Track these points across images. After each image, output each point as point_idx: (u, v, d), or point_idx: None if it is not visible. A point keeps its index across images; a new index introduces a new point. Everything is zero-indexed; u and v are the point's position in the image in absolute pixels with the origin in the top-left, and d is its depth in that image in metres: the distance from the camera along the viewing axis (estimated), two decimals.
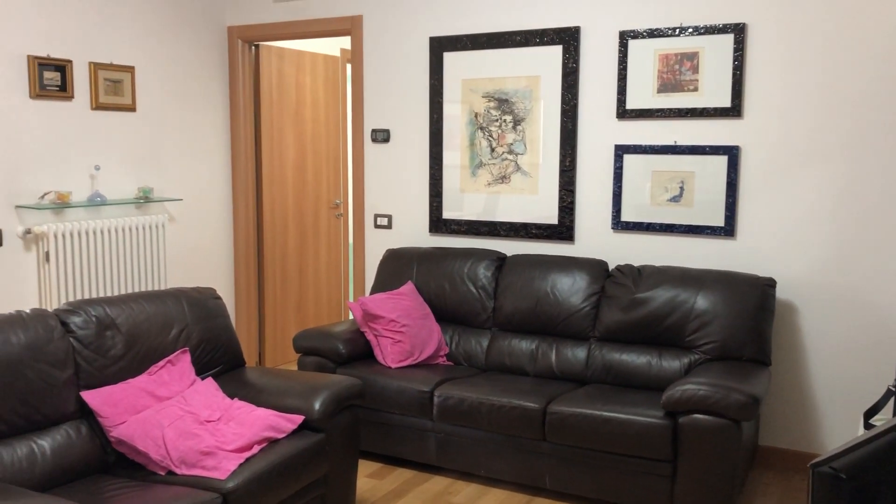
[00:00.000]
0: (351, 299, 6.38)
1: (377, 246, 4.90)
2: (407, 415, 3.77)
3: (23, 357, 2.68)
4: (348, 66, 6.20)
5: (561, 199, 4.28)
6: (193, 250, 5.10)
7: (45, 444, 2.69)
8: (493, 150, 4.46)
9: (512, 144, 4.40)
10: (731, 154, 3.86)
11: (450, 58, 4.53)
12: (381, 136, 4.80)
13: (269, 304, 5.49)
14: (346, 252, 6.16)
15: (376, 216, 4.88)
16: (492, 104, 4.43)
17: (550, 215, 4.33)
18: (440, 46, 4.54)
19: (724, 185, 3.90)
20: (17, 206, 4.05)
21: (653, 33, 3.98)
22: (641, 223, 4.10)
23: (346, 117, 6.08)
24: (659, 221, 4.06)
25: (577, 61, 4.18)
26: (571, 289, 3.95)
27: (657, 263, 4.09)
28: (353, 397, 3.26)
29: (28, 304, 4.12)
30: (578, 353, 3.90)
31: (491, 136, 4.46)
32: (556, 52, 4.23)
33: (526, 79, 4.33)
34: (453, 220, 4.61)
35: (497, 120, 4.43)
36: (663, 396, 3.22)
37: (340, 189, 6.05)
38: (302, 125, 5.65)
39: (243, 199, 5.30)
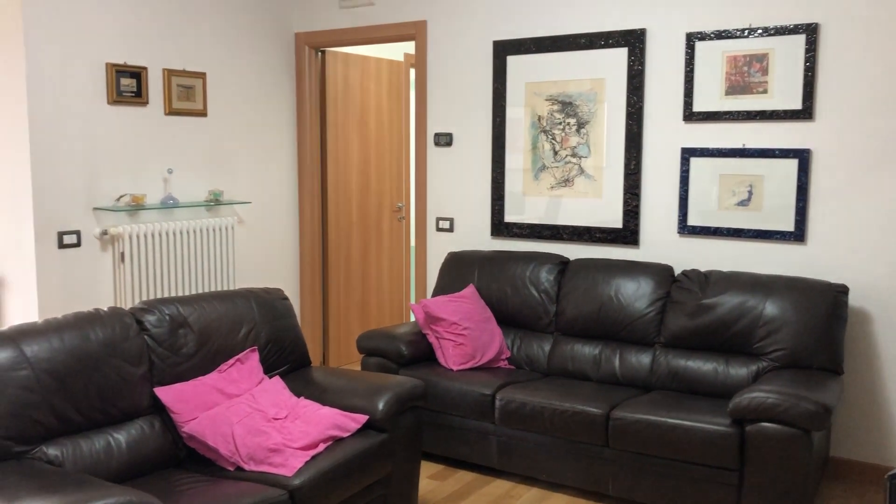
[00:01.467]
0: (413, 301, 6.42)
1: (439, 249, 4.93)
2: (468, 417, 3.78)
3: (100, 354, 2.78)
4: (412, 71, 6.26)
5: (626, 202, 4.24)
6: (261, 252, 5.21)
7: (120, 437, 2.78)
8: (556, 153, 4.44)
9: (575, 147, 4.38)
10: (802, 157, 3.77)
11: (513, 61, 4.54)
12: (444, 140, 4.83)
13: (333, 304, 5.57)
14: (407, 255, 6.21)
15: (438, 219, 4.91)
16: (555, 107, 4.42)
17: (614, 219, 4.29)
18: (504, 50, 4.55)
19: (794, 189, 3.80)
20: (95, 208, 4.21)
21: (721, 35, 3.91)
22: (708, 227, 4.03)
23: (409, 121, 6.14)
24: (726, 226, 3.98)
25: (642, 63, 4.14)
26: (636, 294, 3.90)
27: (724, 269, 4.01)
28: (416, 398, 3.29)
29: (104, 302, 4.28)
30: (643, 359, 3.85)
31: (554, 139, 4.44)
32: (621, 54, 4.20)
33: (590, 81, 4.30)
34: (515, 224, 4.60)
35: (561, 123, 4.41)
36: (730, 404, 3.16)
37: (403, 192, 6.10)
38: (366, 130, 5.72)
39: (309, 203, 5.40)
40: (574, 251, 4.43)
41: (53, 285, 4.04)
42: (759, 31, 3.82)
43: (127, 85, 4.32)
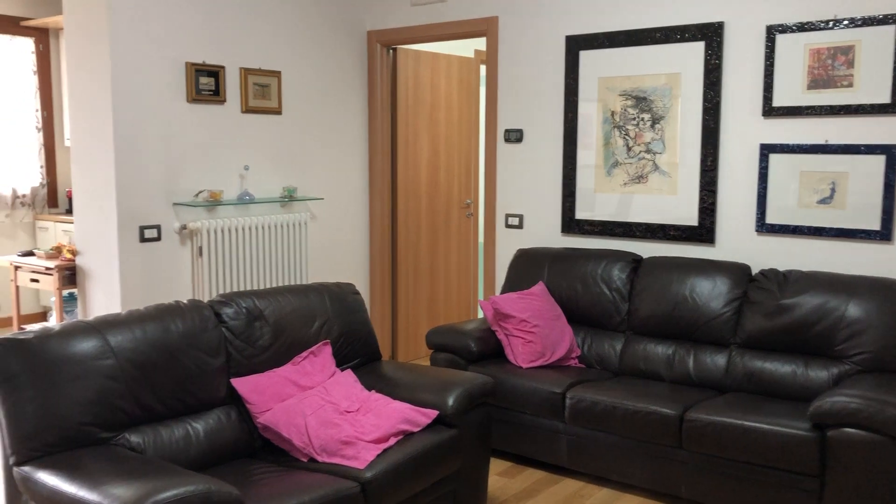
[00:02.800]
0: (481, 298, 6.42)
1: (508, 245, 4.91)
2: (538, 415, 3.76)
3: (180, 345, 2.87)
4: (482, 67, 6.25)
5: (701, 199, 4.15)
6: (332, 247, 5.29)
7: (199, 426, 2.86)
8: (629, 149, 4.37)
9: (650, 143, 4.30)
10: (890, 153, 3.62)
11: (586, 56, 4.48)
12: (514, 136, 4.81)
13: (402, 300, 5.62)
14: (475, 251, 6.21)
15: (507, 216, 4.90)
16: (629, 102, 4.35)
17: (690, 216, 4.20)
18: (576, 45, 4.50)
19: (881, 187, 3.65)
20: (175, 204, 4.34)
21: (803, 27, 3.78)
22: (787, 226, 3.91)
23: (479, 118, 6.13)
24: (807, 224, 3.85)
25: (720, 57, 4.04)
26: (711, 293, 3.81)
27: (804, 268, 3.89)
28: (486, 395, 3.29)
29: (182, 294, 4.40)
30: (718, 360, 3.76)
31: (628, 134, 4.37)
32: (697, 48, 4.10)
33: (665, 76, 4.22)
34: (586, 221, 4.55)
35: (634, 118, 4.34)
36: (811, 407, 3.06)
37: (471, 189, 6.10)
38: (436, 126, 5.74)
39: (379, 199, 5.45)
40: (647, 249, 4.35)
41: (135, 278, 4.18)
42: (846, 22, 3.68)
43: (205, 84, 4.43)
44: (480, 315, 6.30)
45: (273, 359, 3.17)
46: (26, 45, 6.67)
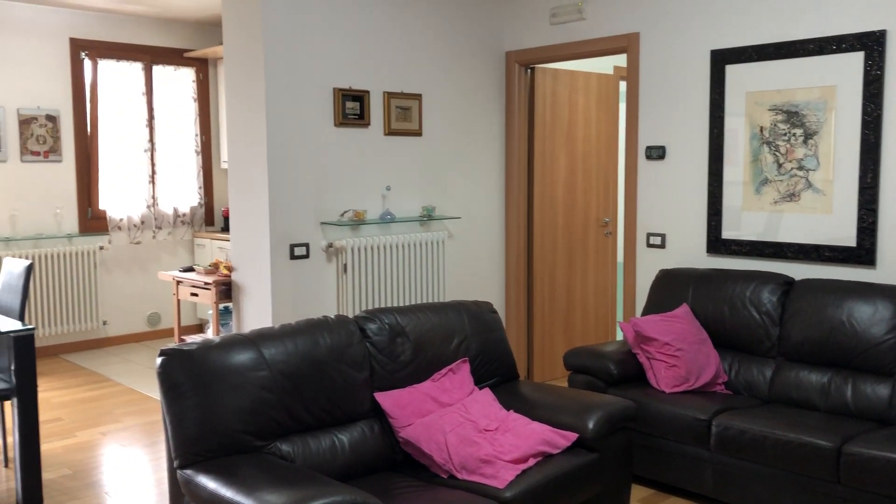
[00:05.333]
0: (620, 319, 6.30)
1: (649, 265, 4.79)
2: (682, 442, 3.63)
3: (328, 358, 2.98)
4: (621, 84, 6.16)
5: (860, 218, 3.90)
6: (468, 265, 5.35)
7: (344, 438, 2.96)
8: (780, 165, 4.18)
9: (802, 160, 4.09)
10: None
11: (732, 70, 4.33)
12: (656, 153, 4.70)
13: (538, 319, 5.59)
14: (614, 270, 6.10)
15: (649, 235, 4.78)
16: (779, 117, 4.16)
17: (847, 237, 3.96)
18: (722, 59, 4.36)
19: None
20: (322, 223, 4.53)
21: None
22: None
23: (618, 135, 6.04)
24: None
25: (881, 68, 3.79)
26: (872, 319, 3.57)
27: None
28: (627, 419, 3.22)
29: (328, 309, 4.58)
30: (879, 390, 3.51)
31: (778, 150, 4.18)
32: (856, 59, 3.87)
33: (819, 89, 4.01)
34: (733, 241, 4.37)
35: (785, 134, 4.14)
36: None
37: (610, 207, 6.01)
38: (573, 144, 5.70)
39: (515, 217, 5.47)
40: (799, 271, 4.13)
41: (285, 293, 4.39)
42: None
43: (351, 108, 4.61)
44: (619, 336, 6.18)
45: (413, 374, 3.23)
46: (188, 74, 7.18)
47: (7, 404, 4.22)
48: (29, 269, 4.10)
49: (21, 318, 4.03)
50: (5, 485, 3.89)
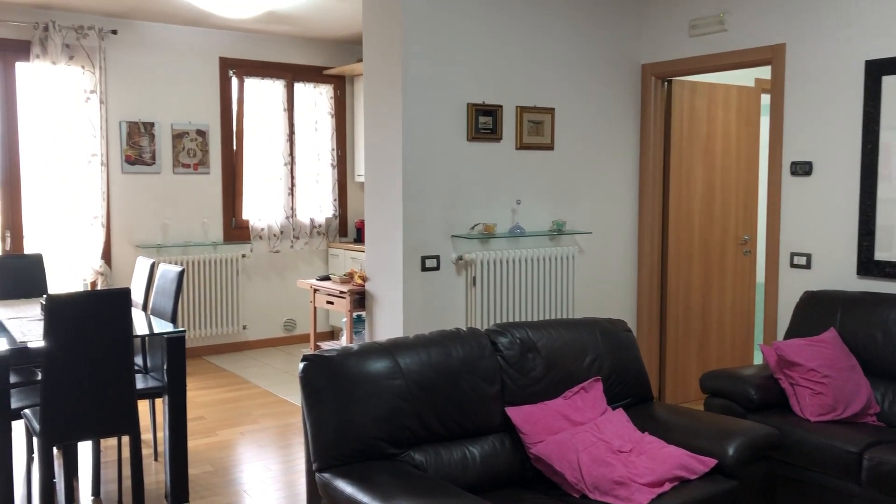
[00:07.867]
0: (760, 342, 6.02)
1: (792, 287, 4.55)
2: (828, 475, 3.42)
3: (460, 370, 3.00)
4: (763, 97, 5.92)
5: None
6: (599, 282, 5.26)
7: (475, 450, 2.96)
8: None
9: None
10: None
11: (889, 82, 4.06)
12: (802, 169, 4.47)
13: (671, 339, 5.42)
14: (753, 291, 5.84)
15: (793, 255, 4.55)
16: None
17: None
18: (878, 69, 4.10)
19: None
20: (453, 236, 4.58)
21: None
22: None
23: (760, 149, 5.79)
24: None
25: None
26: None
27: None
28: (770, 447, 3.06)
29: (456, 320, 4.62)
30: None
31: None
32: None
33: None
34: (887, 262, 4.09)
35: None
36: None
37: (749, 224, 5.76)
38: (711, 158, 5.52)
39: (649, 233, 5.34)
40: None
41: (416, 303, 4.46)
42: None
43: (484, 122, 4.65)
44: (758, 360, 5.91)
45: (544, 391, 3.20)
46: (326, 91, 7.46)
47: (158, 402, 4.50)
48: (181, 275, 4.36)
49: (173, 320, 4.29)
50: (155, 477, 4.14)
